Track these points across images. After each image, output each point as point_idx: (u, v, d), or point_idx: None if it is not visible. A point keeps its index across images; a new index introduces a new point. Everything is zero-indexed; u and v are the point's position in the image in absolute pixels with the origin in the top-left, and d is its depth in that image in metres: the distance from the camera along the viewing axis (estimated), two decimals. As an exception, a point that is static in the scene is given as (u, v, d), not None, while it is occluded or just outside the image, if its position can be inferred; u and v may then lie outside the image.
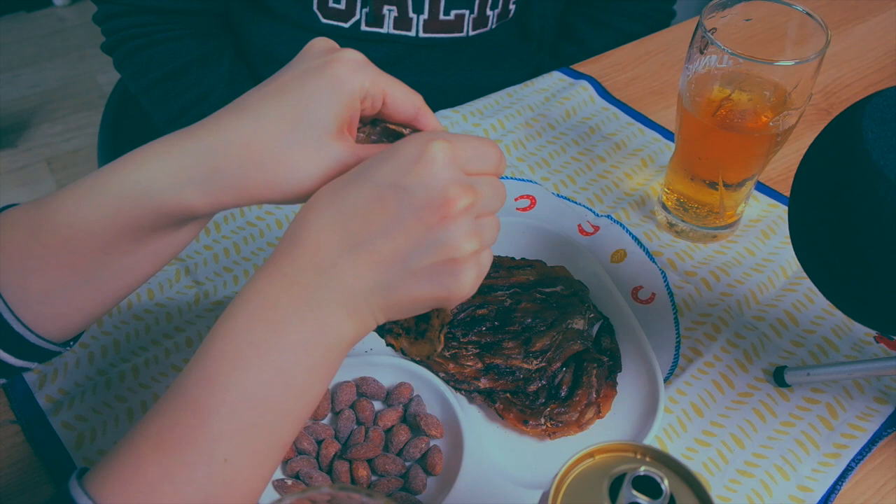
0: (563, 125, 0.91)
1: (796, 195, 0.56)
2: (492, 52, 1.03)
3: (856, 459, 0.62)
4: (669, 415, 0.64)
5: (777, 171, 0.85)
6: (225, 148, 0.47)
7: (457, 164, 0.44)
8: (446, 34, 0.98)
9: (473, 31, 0.99)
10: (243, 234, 0.78)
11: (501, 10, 1.00)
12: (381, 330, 0.53)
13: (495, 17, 1.00)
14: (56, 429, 0.62)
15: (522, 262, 0.74)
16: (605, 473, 0.41)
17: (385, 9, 0.94)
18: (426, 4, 0.95)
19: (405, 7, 0.95)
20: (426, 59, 1.00)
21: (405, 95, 0.51)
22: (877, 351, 0.70)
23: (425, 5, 0.95)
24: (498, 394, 0.64)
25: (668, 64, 1.00)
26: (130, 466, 0.42)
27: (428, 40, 0.98)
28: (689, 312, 0.72)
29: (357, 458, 0.60)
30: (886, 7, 1.10)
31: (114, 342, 0.68)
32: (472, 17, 0.98)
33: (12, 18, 2.70)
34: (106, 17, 0.94)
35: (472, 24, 0.98)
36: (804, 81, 0.67)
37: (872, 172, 0.47)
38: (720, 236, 0.79)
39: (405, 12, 0.95)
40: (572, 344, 0.66)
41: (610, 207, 0.82)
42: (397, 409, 0.63)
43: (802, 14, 0.68)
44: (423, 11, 0.95)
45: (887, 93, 0.51)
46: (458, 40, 0.99)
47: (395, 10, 0.94)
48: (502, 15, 1.01)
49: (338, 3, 0.93)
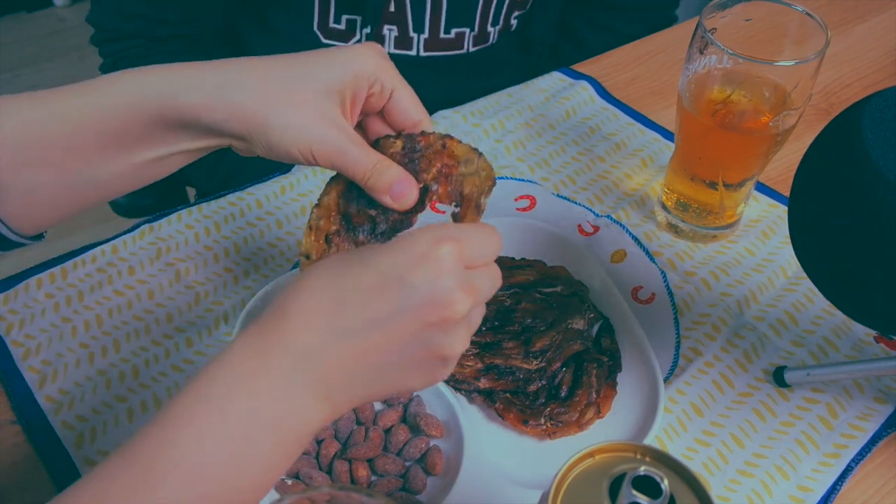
0: (563, 125, 0.91)
1: (796, 195, 0.56)
2: (492, 64, 1.03)
3: (856, 459, 0.62)
4: (669, 415, 0.64)
5: (777, 171, 0.85)
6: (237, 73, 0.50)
7: (462, 265, 0.44)
8: (447, 52, 0.98)
9: (474, 48, 0.99)
10: (243, 235, 0.78)
11: (503, 26, 1.00)
12: None
13: (496, 33, 1.00)
14: (56, 429, 0.62)
15: (522, 262, 0.74)
16: (605, 473, 0.41)
17: (385, 28, 0.94)
18: (426, 23, 0.94)
19: (405, 26, 0.94)
20: (426, 74, 0.99)
21: (412, 102, 0.52)
22: (877, 351, 0.70)
23: (426, 24, 0.94)
24: (498, 394, 0.64)
25: (668, 64, 1.00)
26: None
27: (428, 59, 0.98)
28: (689, 312, 0.72)
29: (357, 457, 0.60)
30: (886, 7, 1.10)
31: (114, 342, 0.68)
32: (473, 34, 0.98)
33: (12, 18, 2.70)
34: (102, 41, 0.94)
35: (472, 42, 0.98)
36: (804, 81, 0.67)
37: (872, 173, 0.47)
38: (720, 236, 0.79)
39: (405, 31, 0.95)
40: (572, 344, 0.66)
41: (610, 208, 0.82)
42: (397, 409, 0.63)
43: (802, 14, 0.68)
44: (424, 31, 0.95)
45: (887, 93, 0.51)
46: (458, 57, 0.99)
47: (395, 29, 0.94)
48: (504, 30, 1.01)
49: (338, 24, 0.93)
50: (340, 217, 0.53)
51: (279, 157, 0.51)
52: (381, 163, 0.50)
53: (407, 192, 0.51)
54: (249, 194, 0.81)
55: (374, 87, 0.51)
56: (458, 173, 0.52)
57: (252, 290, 0.72)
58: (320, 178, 0.84)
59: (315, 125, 0.49)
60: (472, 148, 0.52)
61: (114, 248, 0.75)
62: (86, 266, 0.74)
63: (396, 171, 0.51)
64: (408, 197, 0.51)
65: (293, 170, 0.84)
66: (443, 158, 0.52)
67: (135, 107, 0.50)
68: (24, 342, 0.68)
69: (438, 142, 0.52)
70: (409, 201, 0.51)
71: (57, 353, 0.67)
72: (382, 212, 0.52)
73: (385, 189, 0.50)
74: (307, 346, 0.43)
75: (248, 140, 0.50)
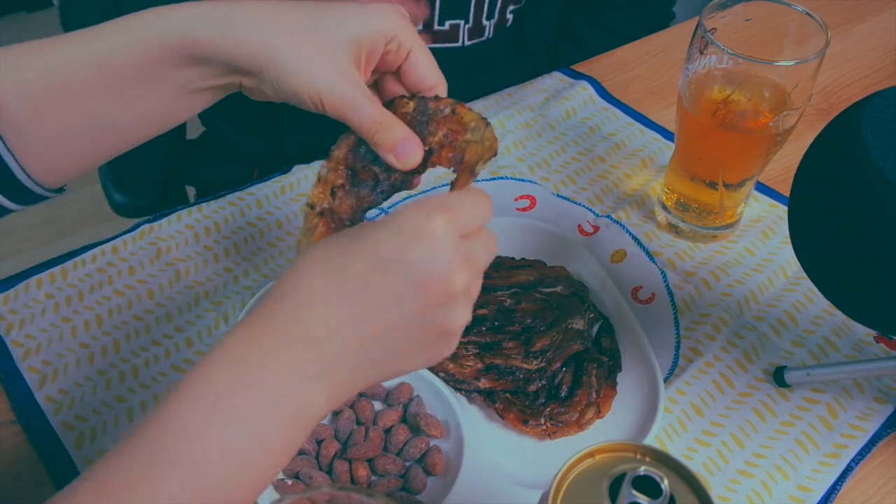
0: (562, 125, 0.91)
1: (796, 195, 0.56)
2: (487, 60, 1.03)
3: (856, 459, 0.62)
4: (669, 415, 0.64)
5: (777, 171, 0.85)
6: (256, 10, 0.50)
7: (457, 236, 0.44)
8: (441, 44, 0.98)
9: (469, 42, 0.99)
10: (243, 235, 0.78)
11: (498, 20, 1.00)
12: None
13: (492, 27, 1.00)
14: (56, 429, 0.62)
15: (522, 262, 0.74)
16: (605, 473, 0.41)
17: None
18: None
19: None
20: None
21: (429, 65, 0.52)
22: (877, 351, 0.70)
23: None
24: (498, 394, 0.64)
25: (668, 64, 1.00)
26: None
27: None
28: (689, 312, 0.72)
29: (357, 457, 0.60)
30: (886, 7, 1.10)
31: (114, 342, 0.68)
32: (468, 27, 0.97)
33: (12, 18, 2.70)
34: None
35: (467, 35, 0.98)
36: (804, 81, 0.67)
37: (872, 173, 0.47)
38: (720, 236, 0.79)
39: None
40: (572, 344, 0.66)
41: (610, 208, 0.82)
42: (397, 409, 0.63)
43: (802, 14, 0.68)
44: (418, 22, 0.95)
45: (887, 93, 0.51)
46: (454, 50, 0.99)
47: None
48: (499, 24, 1.01)
49: None
50: (347, 171, 0.53)
51: (285, 99, 0.51)
52: (389, 120, 0.51)
53: (411, 152, 0.51)
54: (249, 194, 0.81)
55: (391, 45, 0.51)
56: (462, 139, 0.52)
57: (252, 290, 0.73)
58: (320, 178, 0.84)
59: (328, 73, 0.49)
60: (482, 117, 0.52)
61: (114, 248, 0.75)
62: (86, 266, 0.74)
63: (402, 129, 0.51)
64: (411, 157, 0.51)
65: (293, 170, 0.84)
66: (450, 123, 0.52)
67: (154, 44, 0.50)
68: (24, 342, 0.68)
69: (448, 107, 0.52)
70: (413, 162, 0.51)
71: (57, 353, 0.67)
72: (385, 170, 0.53)
73: (390, 147, 0.50)
74: (313, 339, 0.43)
75: (258, 76, 0.50)
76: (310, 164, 0.85)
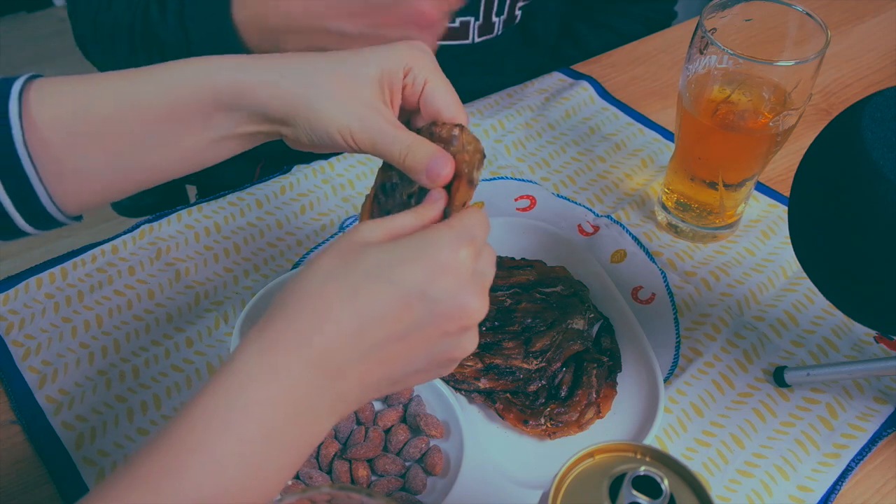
0: (562, 125, 0.91)
1: (796, 195, 0.56)
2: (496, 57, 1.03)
3: (856, 459, 0.62)
4: (669, 415, 0.64)
5: (777, 171, 0.85)
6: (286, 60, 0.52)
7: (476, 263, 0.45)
8: (452, 42, 0.98)
9: (479, 38, 0.99)
10: (243, 235, 0.78)
11: (507, 16, 1.00)
12: None
13: (501, 24, 1.00)
14: (56, 429, 0.62)
15: (522, 262, 0.74)
16: (605, 473, 0.41)
17: None
18: None
19: None
20: None
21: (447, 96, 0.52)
22: (877, 351, 0.70)
23: None
24: (498, 394, 0.64)
25: (668, 64, 1.00)
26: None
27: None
28: (689, 312, 0.72)
29: (357, 457, 0.60)
30: (886, 7, 1.10)
31: (114, 342, 0.68)
32: (478, 24, 0.98)
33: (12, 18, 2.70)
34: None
35: (477, 31, 0.98)
36: (804, 82, 0.67)
37: (872, 172, 0.47)
38: (720, 236, 0.79)
39: None
40: (572, 344, 0.66)
41: (610, 208, 0.82)
42: (397, 409, 0.63)
43: (802, 14, 0.68)
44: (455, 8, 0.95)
45: (887, 93, 0.51)
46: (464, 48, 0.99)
47: None
48: (508, 21, 1.01)
49: None
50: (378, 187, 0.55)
51: (321, 141, 0.51)
52: (416, 142, 0.51)
53: (441, 168, 0.50)
54: (249, 194, 0.81)
55: (408, 79, 0.52)
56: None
57: (252, 290, 0.73)
58: (320, 177, 0.84)
59: (355, 108, 0.50)
60: (454, 124, 0.52)
61: (114, 248, 0.75)
62: (86, 266, 0.74)
63: (430, 147, 0.50)
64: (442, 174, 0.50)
65: (293, 170, 0.84)
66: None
67: (190, 88, 0.51)
68: (24, 342, 0.68)
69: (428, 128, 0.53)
70: (443, 178, 0.50)
71: (57, 353, 0.67)
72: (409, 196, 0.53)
73: (421, 167, 0.50)
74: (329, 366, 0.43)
75: (292, 125, 0.51)
76: (310, 165, 0.85)
